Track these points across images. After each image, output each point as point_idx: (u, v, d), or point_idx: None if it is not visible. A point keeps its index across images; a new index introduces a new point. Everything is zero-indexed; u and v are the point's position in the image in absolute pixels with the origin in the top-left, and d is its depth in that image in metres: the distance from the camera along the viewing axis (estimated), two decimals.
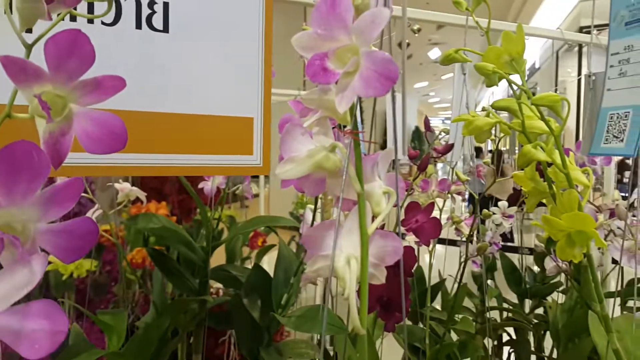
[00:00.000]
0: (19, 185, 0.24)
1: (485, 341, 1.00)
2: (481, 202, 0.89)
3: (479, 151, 4.18)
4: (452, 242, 1.07)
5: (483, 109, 0.60)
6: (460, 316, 0.98)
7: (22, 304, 0.23)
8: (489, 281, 1.19)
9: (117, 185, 0.83)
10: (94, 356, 0.67)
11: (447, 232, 0.98)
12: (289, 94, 1.79)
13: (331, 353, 0.78)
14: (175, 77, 0.58)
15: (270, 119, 0.61)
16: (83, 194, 0.87)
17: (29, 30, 0.44)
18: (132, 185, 0.93)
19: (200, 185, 0.93)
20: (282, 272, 0.82)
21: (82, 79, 0.28)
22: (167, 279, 0.85)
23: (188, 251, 0.84)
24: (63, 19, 0.29)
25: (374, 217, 0.32)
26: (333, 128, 0.34)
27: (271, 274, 0.82)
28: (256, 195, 2.27)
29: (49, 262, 1.53)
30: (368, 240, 0.30)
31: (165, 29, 0.56)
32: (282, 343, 0.89)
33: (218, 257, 1.04)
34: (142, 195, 0.84)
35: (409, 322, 0.98)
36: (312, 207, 0.77)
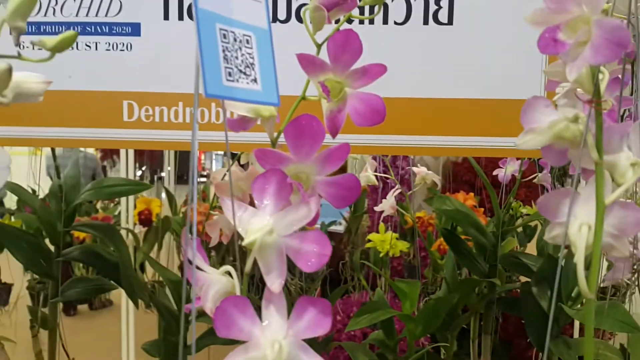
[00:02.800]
0: (303, 146, 0.33)
1: None
2: None
3: None
4: None
5: None
6: None
7: (302, 232, 0.32)
8: None
9: (414, 169, 0.92)
10: (389, 314, 0.77)
11: None
12: None
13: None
14: (460, 65, 0.63)
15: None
16: (385, 176, 0.98)
17: None
18: (446, 177, 1.01)
19: (494, 172, 0.95)
20: (573, 264, 0.78)
21: (354, 67, 0.36)
22: (458, 259, 0.91)
23: (478, 235, 0.88)
24: (345, 22, 0.38)
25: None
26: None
27: None
28: None
29: (369, 240, 1.75)
30: (603, 208, 0.29)
31: (450, 22, 0.61)
32: (576, 339, 0.85)
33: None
34: (437, 178, 0.91)
35: None
36: None
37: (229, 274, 0.34)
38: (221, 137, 0.61)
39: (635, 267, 0.85)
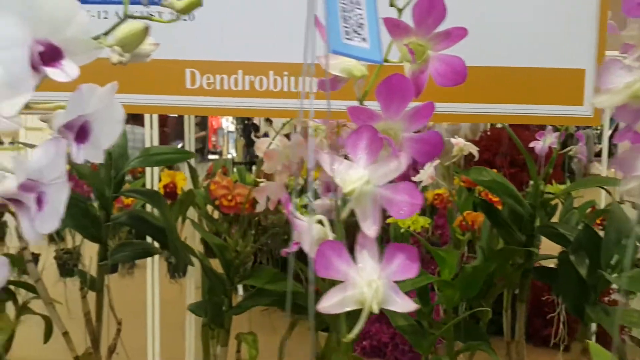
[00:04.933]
0: (393, 104, 0.35)
1: None
2: None
3: None
4: None
5: None
6: None
7: (394, 183, 0.34)
8: None
9: (452, 140, 0.94)
10: (429, 280, 0.80)
11: None
12: None
13: None
14: (506, 33, 0.64)
15: None
16: None
17: None
18: (464, 156, 1.03)
19: (531, 144, 0.96)
20: (613, 233, 0.80)
21: (437, 31, 0.38)
22: (495, 228, 0.93)
23: (515, 204, 0.90)
24: None
25: None
26: None
27: None
28: None
29: (388, 216, 1.79)
30: None
31: None
32: (613, 307, 0.87)
33: None
34: (475, 150, 0.93)
35: None
36: None
37: (321, 222, 0.37)
38: (279, 104, 0.63)
39: None
